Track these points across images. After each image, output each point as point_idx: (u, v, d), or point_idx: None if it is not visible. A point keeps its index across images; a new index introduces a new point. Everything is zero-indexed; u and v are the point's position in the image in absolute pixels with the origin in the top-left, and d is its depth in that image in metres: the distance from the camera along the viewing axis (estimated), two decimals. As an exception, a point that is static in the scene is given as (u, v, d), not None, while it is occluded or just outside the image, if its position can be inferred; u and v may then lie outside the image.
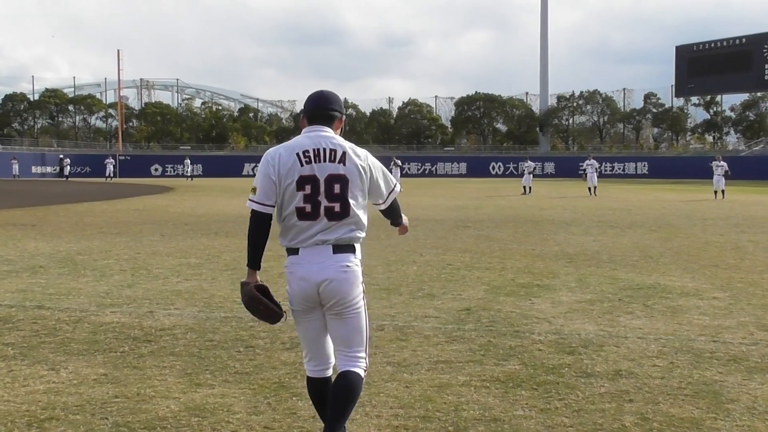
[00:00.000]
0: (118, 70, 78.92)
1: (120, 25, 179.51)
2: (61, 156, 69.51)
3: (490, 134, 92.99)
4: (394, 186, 3.95)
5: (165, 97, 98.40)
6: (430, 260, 11.39)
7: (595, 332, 6.63)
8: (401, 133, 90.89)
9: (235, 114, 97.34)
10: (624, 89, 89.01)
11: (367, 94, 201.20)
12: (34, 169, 68.82)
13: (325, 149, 3.63)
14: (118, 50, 79.63)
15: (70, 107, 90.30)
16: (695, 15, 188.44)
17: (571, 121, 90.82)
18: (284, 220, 3.67)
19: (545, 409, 4.62)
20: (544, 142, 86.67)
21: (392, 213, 4.08)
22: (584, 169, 36.60)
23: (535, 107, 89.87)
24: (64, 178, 62.40)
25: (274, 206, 3.65)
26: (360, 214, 3.68)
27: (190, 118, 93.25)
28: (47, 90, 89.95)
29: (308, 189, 3.58)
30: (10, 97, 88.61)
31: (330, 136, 3.69)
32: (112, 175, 60.09)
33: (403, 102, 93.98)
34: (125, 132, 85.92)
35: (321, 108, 3.74)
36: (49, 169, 70.53)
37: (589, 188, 34.38)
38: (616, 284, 9.20)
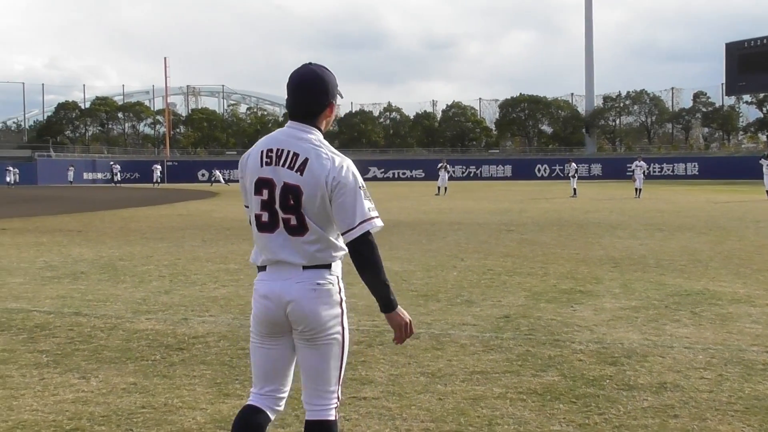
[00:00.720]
0: (165, 77, 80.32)
1: (167, 34, 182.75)
2: (112, 162, 70.97)
3: (535, 136, 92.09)
4: (369, 218, 3.01)
5: (211, 104, 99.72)
6: (470, 265, 11.18)
7: (639, 341, 6.36)
8: (445, 136, 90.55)
9: (280, 119, 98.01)
10: (672, 88, 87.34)
11: (411, 98, 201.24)
12: (85, 176, 70.35)
13: (288, 152, 3.03)
14: (165, 58, 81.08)
15: (120, 114, 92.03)
16: (745, 11, 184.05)
17: (617, 121, 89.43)
18: (252, 229, 3.17)
19: (584, 424, 4.40)
20: (590, 144, 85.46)
21: (364, 259, 3.02)
22: (632, 171, 36.02)
23: (581, 108, 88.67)
24: (114, 184, 63.61)
25: None
26: (322, 231, 3.03)
27: (236, 124, 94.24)
28: (97, 98, 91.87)
29: (266, 194, 3.05)
30: (63, 106, 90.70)
31: (303, 137, 3.06)
32: (159, 180, 61.04)
33: (447, 105, 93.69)
34: (172, 138, 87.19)
35: (299, 105, 3.10)
36: (99, 176, 72.03)
37: (636, 189, 33.88)
38: (663, 290, 8.88)
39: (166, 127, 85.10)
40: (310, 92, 3.07)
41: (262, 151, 3.09)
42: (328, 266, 3.08)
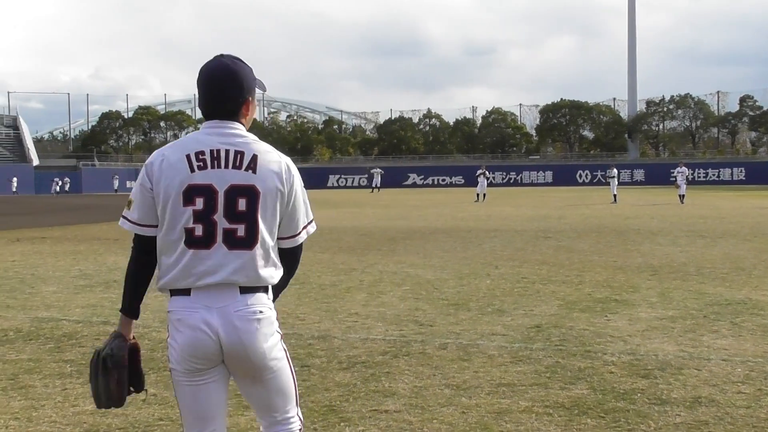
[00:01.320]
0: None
1: (208, 43, 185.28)
2: (155, 171, 72.18)
3: (576, 142, 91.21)
4: (310, 222, 2.88)
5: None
6: (504, 273, 10.99)
7: (674, 353, 6.13)
8: (485, 142, 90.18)
9: (320, 126, 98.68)
10: (718, 92, 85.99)
11: (451, 104, 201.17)
12: (128, 184, 71.54)
13: (228, 151, 2.65)
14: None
15: (162, 123, 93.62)
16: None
17: (661, 126, 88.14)
18: (167, 249, 2.69)
19: (611, 441, 4.22)
20: (633, 149, 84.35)
21: (291, 264, 2.87)
22: (675, 177, 35.43)
23: (623, 113, 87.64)
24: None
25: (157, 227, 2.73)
26: (270, 243, 2.70)
27: (276, 131, 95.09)
28: (140, 107, 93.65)
29: (200, 204, 2.61)
30: (107, 116, 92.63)
31: (237, 132, 2.71)
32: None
33: (487, 111, 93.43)
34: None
35: (214, 102, 2.73)
36: (142, 184, 73.19)
37: (679, 195, 33.26)
38: (702, 299, 8.60)
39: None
40: (223, 88, 2.72)
41: (188, 155, 2.65)
42: (266, 289, 2.74)
